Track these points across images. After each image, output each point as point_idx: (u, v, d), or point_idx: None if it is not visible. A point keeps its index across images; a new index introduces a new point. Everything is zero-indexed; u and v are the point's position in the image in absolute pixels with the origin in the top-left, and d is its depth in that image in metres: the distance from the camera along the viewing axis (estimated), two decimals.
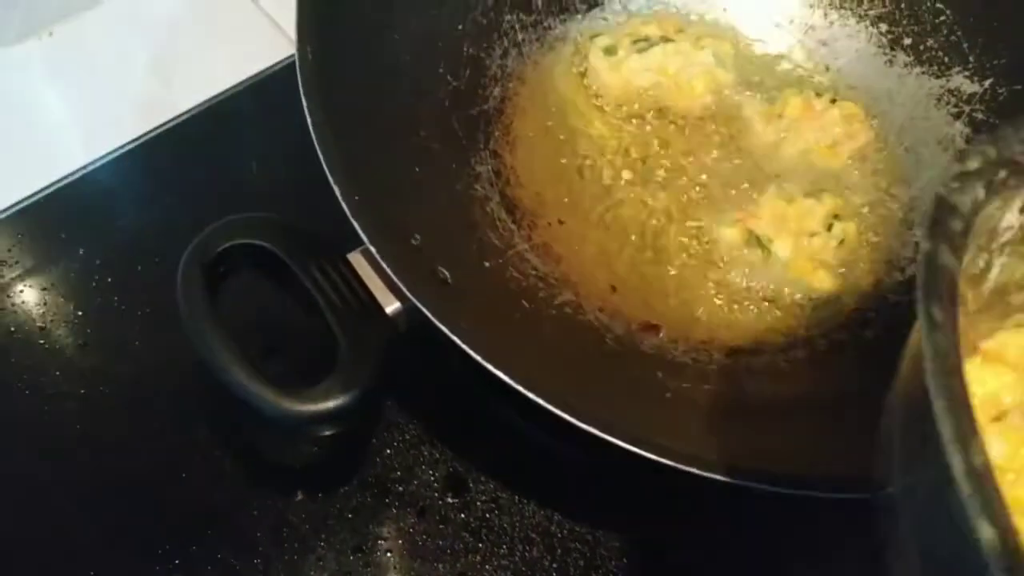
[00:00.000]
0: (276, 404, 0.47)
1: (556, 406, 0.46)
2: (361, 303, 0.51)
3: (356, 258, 0.53)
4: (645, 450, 0.46)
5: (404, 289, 0.49)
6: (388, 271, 0.49)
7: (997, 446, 0.40)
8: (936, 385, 0.30)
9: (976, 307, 0.42)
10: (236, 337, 0.49)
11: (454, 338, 0.48)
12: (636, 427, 0.48)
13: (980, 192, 0.36)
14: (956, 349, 0.32)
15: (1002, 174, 0.37)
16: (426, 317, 0.49)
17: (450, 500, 0.62)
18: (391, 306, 0.52)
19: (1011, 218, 0.40)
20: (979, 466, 0.28)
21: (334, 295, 0.51)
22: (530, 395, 0.47)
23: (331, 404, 0.47)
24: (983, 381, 0.43)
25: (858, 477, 0.45)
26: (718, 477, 0.47)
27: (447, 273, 0.55)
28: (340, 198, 0.50)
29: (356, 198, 0.51)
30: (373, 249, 0.50)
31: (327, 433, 0.50)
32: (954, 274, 0.33)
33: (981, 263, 0.41)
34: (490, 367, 0.47)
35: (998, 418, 0.42)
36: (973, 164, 0.36)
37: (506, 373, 0.47)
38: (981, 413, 0.42)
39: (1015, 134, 0.38)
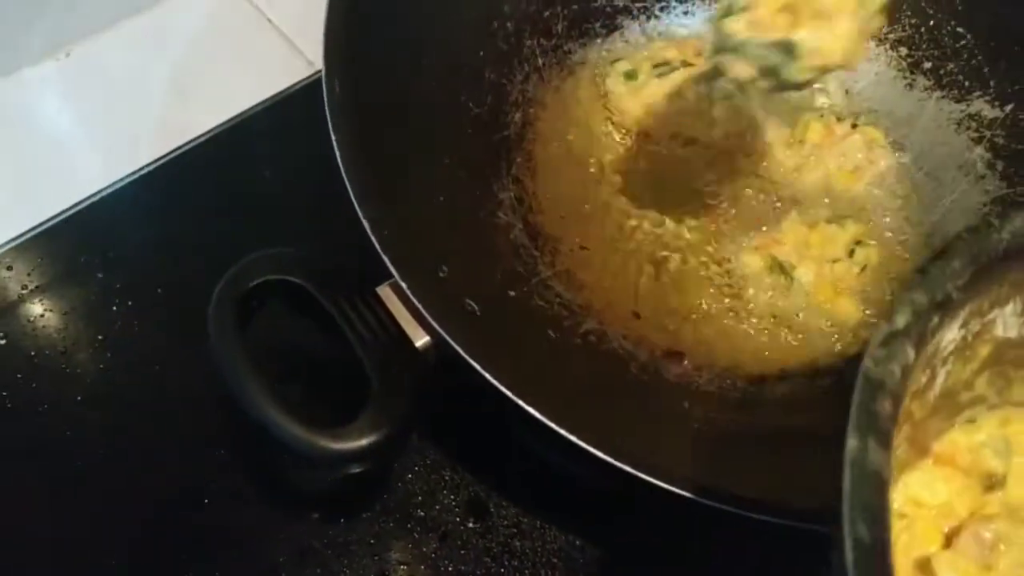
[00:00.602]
0: (310, 442, 0.47)
1: (595, 446, 0.47)
2: (391, 337, 0.51)
3: (385, 292, 0.53)
4: (681, 488, 0.46)
5: (435, 325, 0.49)
6: (419, 306, 0.49)
7: None
8: None
9: (923, 415, 0.41)
10: (266, 372, 0.49)
11: (488, 376, 0.48)
12: (667, 461, 0.48)
13: (910, 354, 0.33)
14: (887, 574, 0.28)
15: (935, 320, 0.35)
16: (455, 351, 0.49)
17: (471, 525, 0.62)
18: (420, 340, 0.52)
19: (951, 335, 0.38)
20: None
21: (364, 330, 0.51)
22: (566, 434, 0.47)
23: (364, 442, 0.47)
24: (935, 490, 0.42)
25: None
26: (754, 516, 0.47)
27: (474, 305, 0.55)
28: (370, 233, 0.50)
29: (385, 232, 0.51)
30: (404, 284, 0.50)
31: (356, 470, 0.50)
32: (886, 474, 0.31)
33: (924, 378, 0.39)
34: (523, 404, 0.48)
35: (953, 534, 0.41)
36: (901, 320, 0.34)
37: (539, 411, 0.48)
38: (935, 529, 0.41)
39: (945, 268, 0.36)
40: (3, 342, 0.67)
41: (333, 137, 0.53)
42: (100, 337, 0.68)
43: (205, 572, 0.60)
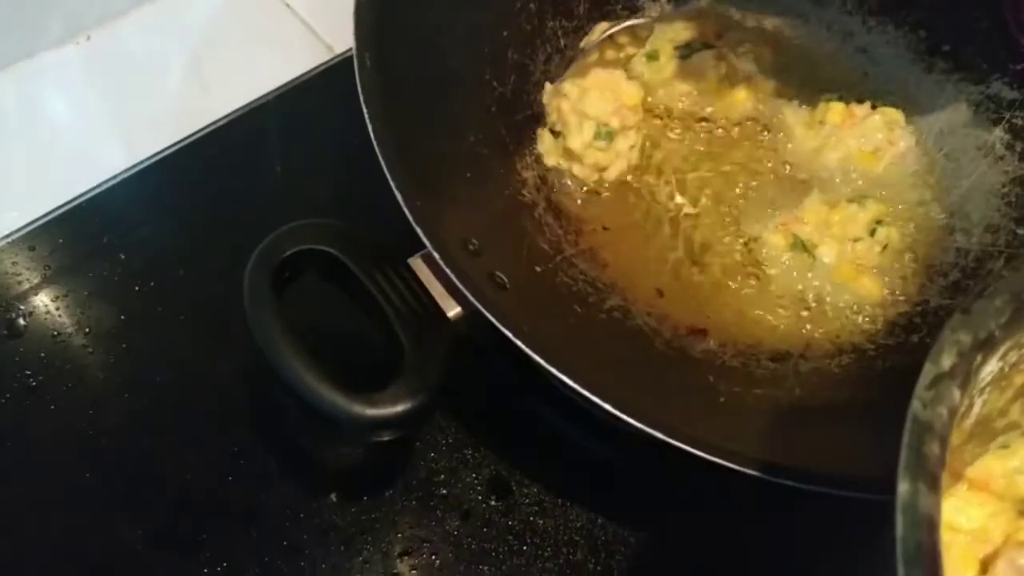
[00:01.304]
0: (346, 408, 0.47)
1: (626, 413, 0.47)
2: (424, 308, 0.51)
3: (417, 263, 0.53)
4: (711, 454, 0.47)
5: (468, 295, 0.49)
6: (452, 277, 0.50)
7: None
8: None
9: (959, 442, 0.41)
10: (301, 339, 0.49)
11: (520, 344, 0.48)
12: (697, 431, 0.48)
13: (956, 395, 0.34)
14: None
15: (978, 359, 0.35)
16: (487, 322, 0.49)
17: (494, 503, 0.63)
18: (452, 311, 0.52)
19: (990, 367, 0.39)
20: None
21: (398, 301, 0.51)
22: (599, 401, 0.47)
23: (399, 408, 0.47)
24: (970, 515, 0.43)
25: None
26: (782, 481, 0.47)
27: (504, 278, 0.56)
28: (403, 204, 0.50)
29: (418, 204, 0.51)
30: (437, 255, 0.50)
31: (387, 438, 0.50)
32: (936, 517, 0.31)
33: (962, 408, 0.39)
34: (556, 372, 0.47)
35: (989, 561, 0.41)
36: (947, 362, 0.34)
37: (572, 378, 0.47)
38: (971, 556, 0.41)
39: (988, 306, 0.36)
40: (26, 322, 0.67)
41: (365, 110, 0.53)
42: (122, 317, 0.68)
43: (227, 549, 0.60)
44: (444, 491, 0.63)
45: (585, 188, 0.69)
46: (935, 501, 0.31)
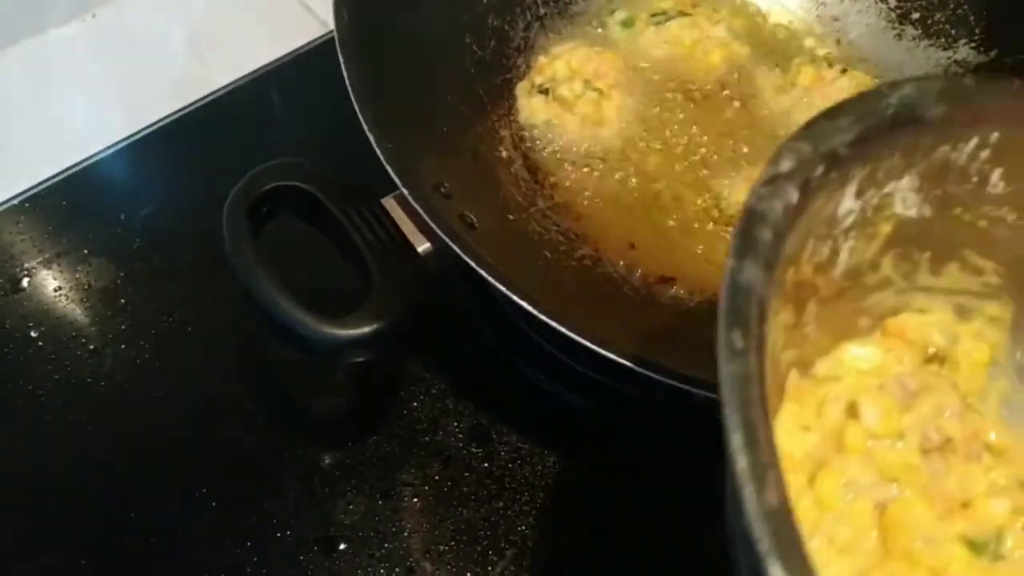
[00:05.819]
0: (315, 328, 0.49)
1: (582, 335, 0.49)
2: (395, 243, 0.54)
3: (390, 203, 0.55)
4: (648, 369, 0.49)
5: (434, 227, 0.52)
6: (419, 211, 0.52)
7: (872, 412, 0.41)
8: (733, 418, 0.29)
9: (829, 293, 0.42)
10: (277, 269, 0.52)
11: (481, 271, 0.50)
12: (645, 353, 0.50)
13: (793, 195, 0.34)
14: (759, 377, 0.30)
15: (819, 170, 0.35)
16: (455, 256, 0.52)
17: (474, 450, 0.65)
18: (422, 246, 0.55)
19: (848, 204, 0.39)
20: (774, 507, 0.27)
21: (369, 235, 0.53)
22: (557, 326, 0.49)
23: (366, 329, 0.50)
24: (871, 356, 0.45)
25: None
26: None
27: (474, 219, 0.58)
28: (375, 144, 0.53)
29: (389, 146, 0.53)
30: (405, 191, 0.52)
31: (360, 359, 0.52)
32: (761, 292, 0.32)
33: (826, 250, 0.40)
34: (515, 298, 0.50)
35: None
36: (785, 165, 0.34)
37: (531, 304, 0.50)
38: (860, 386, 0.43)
39: (831, 125, 0.36)
40: (28, 279, 0.70)
41: (341, 61, 0.55)
42: (121, 274, 0.71)
43: (217, 492, 0.62)
44: (426, 438, 0.65)
45: (572, 148, 0.71)
46: (759, 276, 0.32)
